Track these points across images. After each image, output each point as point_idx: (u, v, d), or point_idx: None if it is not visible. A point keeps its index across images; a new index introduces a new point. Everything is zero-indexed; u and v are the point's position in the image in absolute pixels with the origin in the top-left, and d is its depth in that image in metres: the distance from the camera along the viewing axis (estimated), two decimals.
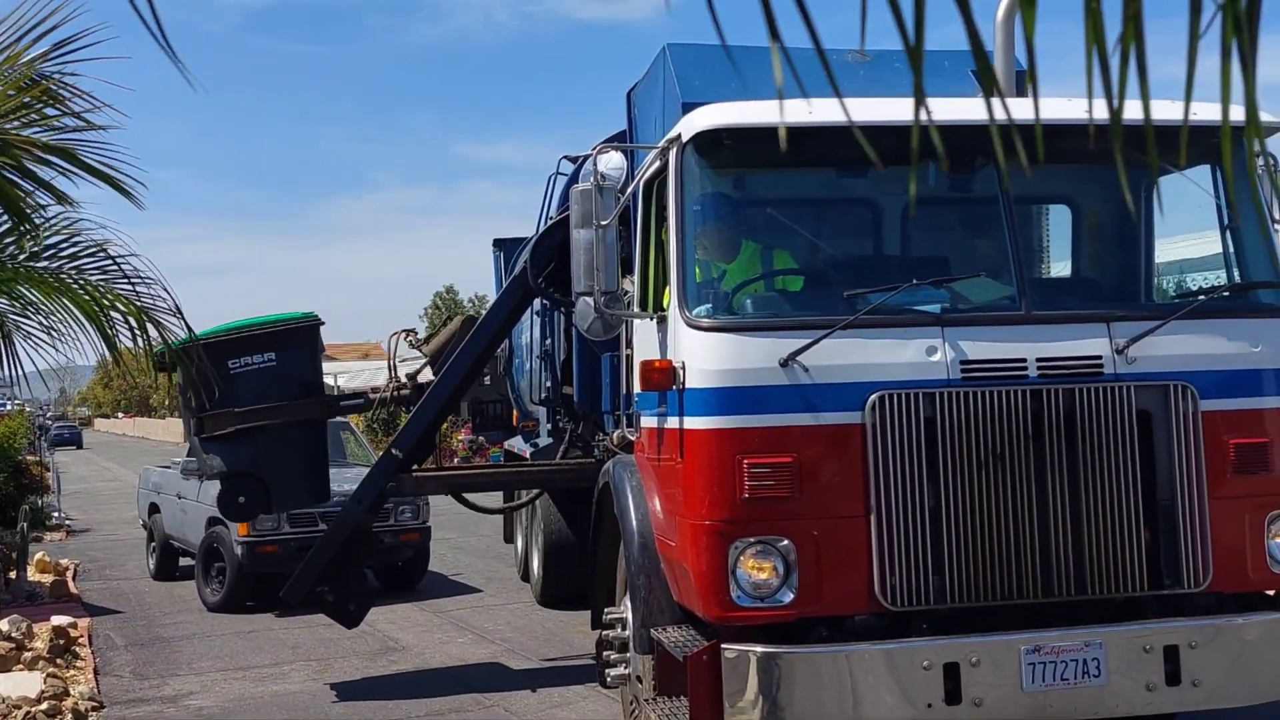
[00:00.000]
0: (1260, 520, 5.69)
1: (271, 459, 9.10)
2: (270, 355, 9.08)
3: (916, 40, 1.45)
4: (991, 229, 6.17)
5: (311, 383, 9.45)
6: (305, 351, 9.42)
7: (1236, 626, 5.62)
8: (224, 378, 8.90)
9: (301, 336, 9.43)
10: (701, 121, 5.91)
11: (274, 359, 9.07)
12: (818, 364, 5.45)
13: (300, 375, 9.31)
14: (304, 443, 9.38)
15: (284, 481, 9.25)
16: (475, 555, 16.75)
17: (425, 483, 9.95)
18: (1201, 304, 5.98)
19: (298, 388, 9.26)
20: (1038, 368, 5.56)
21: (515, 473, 11.43)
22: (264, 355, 9.07)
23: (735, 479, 5.40)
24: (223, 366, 8.92)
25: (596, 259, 6.08)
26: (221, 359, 8.95)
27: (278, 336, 9.19)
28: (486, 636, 11.11)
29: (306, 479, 9.52)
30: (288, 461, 9.25)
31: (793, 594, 5.39)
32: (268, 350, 9.11)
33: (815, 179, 6.69)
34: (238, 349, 9.09)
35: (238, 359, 9.02)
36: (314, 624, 11.58)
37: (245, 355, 9.04)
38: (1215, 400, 5.65)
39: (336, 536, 9.21)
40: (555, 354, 10.52)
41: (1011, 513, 5.45)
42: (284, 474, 9.23)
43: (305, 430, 9.37)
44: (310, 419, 9.41)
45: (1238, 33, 1.43)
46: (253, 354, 9.05)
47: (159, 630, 12.01)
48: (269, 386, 9.07)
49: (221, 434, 9.02)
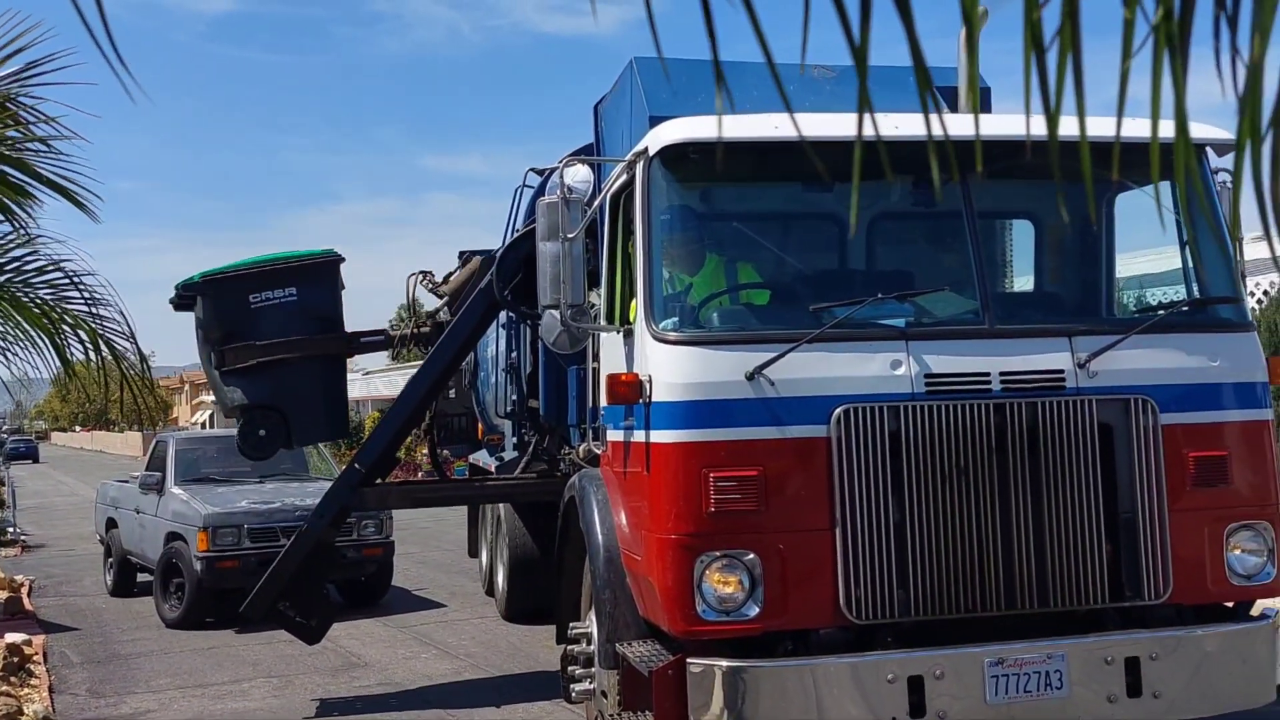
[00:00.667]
0: (1219, 533, 5.76)
1: (292, 393, 9.07)
2: (291, 290, 9.09)
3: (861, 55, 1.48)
4: (955, 243, 6.22)
5: (332, 318, 9.40)
6: (326, 287, 9.38)
7: (1196, 638, 5.68)
8: (245, 312, 8.94)
9: (323, 272, 9.40)
10: (668, 135, 5.93)
11: (295, 294, 9.08)
12: (784, 377, 5.47)
13: (321, 311, 9.27)
14: (324, 378, 9.34)
15: (304, 416, 9.20)
16: (439, 570, 16.65)
17: (388, 496, 9.89)
18: (1161, 319, 6.06)
19: (318, 323, 9.23)
20: (1001, 381, 5.60)
21: (480, 486, 11.38)
22: (285, 290, 9.07)
23: (701, 492, 5.40)
24: (244, 300, 8.97)
25: (563, 272, 6.07)
26: (243, 293, 8.99)
27: (299, 271, 9.19)
28: (450, 652, 11.04)
29: (326, 414, 9.47)
30: (308, 396, 9.20)
31: (758, 608, 5.39)
32: (289, 285, 9.10)
33: (781, 193, 6.73)
34: (259, 283, 9.08)
35: (259, 293, 9.02)
36: (274, 640, 11.46)
37: (267, 290, 9.05)
38: (1175, 414, 5.72)
39: (298, 551, 9.13)
40: (521, 367, 10.49)
41: (975, 526, 5.49)
42: (304, 408, 9.19)
43: (325, 365, 9.35)
44: (330, 354, 9.38)
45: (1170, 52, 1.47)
46: (274, 288, 9.06)
47: (116, 647, 11.84)
48: (290, 321, 9.06)
49: (242, 367, 8.98)
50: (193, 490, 13.57)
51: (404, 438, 9.97)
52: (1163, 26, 1.49)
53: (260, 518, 12.86)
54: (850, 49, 1.51)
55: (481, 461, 13.61)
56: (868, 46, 1.53)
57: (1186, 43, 1.50)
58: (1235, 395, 5.88)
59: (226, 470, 14.49)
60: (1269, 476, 5.91)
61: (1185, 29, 1.50)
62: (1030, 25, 1.48)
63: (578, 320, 6.26)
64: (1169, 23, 1.48)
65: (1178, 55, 1.49)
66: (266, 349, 8.95)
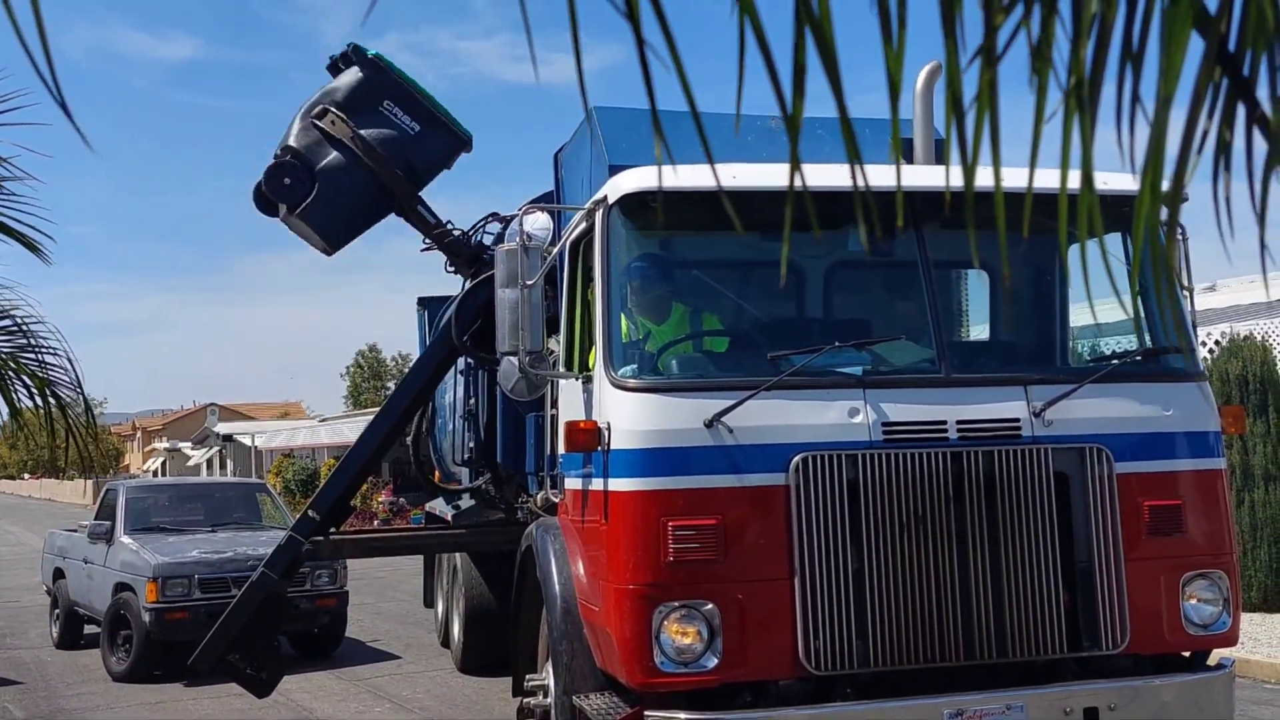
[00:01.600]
0: (1175, 582, 5.78)
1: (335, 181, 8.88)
2: (415, 125, 9.03)
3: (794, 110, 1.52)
4: (911, 293, 6.26)
5: (421, 172, 9.24)
6: (438, 148, 9.24)
7: (1154, 688, 5.69)
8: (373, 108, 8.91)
9: (447, 137, 9.29)
10: (627, 184, 5.95)
11: (415, 129, 9.03)
12: (742, 425, 5.46)
13: (416, 159, 9.13)
14: (367, 197, 9.10)
15: (327, 203, 8.95)
16: (394, 620, 16.43)
17: (343, 546, 9.74)
18: (1115, 368, 6.11)
19: (406, 165, 9.06)
20: (958, 430, 5.62)
21: (436, 535, 11.24)
22: (412, 120, 9.03)
23: (660, 541, 5.36)
24: (379, 98, 8.95)
25: (521, 319, 6.06)
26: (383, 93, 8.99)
27: (434, 121, 9.11)
28: (405, 705, 10.86)
29: (344, 219, 9.23)
30: (344, 195, 8.98)
31: (717, 659, 5.34)
32: (419, 121, 9.05)
33: (739, 242, 6.75)
34: (401, 98, 9.04)
35: (394, 105, 9.01)
36: (224, 694, 11.23)
37: (400, 107, 9.02)
38: (1130, 463, 5.76)
39: (249, 602, 8.97)
40: (479, 414, 10.42)
41: (933, 575, 5.48)
42: (333, 199, 8.95)
43: (375, 193, 9.10)
44: (388, 191, 9.14)
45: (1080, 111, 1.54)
46: (407, 113, 9.03)
47: (61, 702, 11.55)
48: (391, 144, 8.96)
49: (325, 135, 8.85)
50: (143, 539, 13.32)
51: (360, 484, 9.85)
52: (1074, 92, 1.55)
53: (211, 568, 12.64)
54: (784, 117, 1.57)
55: (438, 510, 13.48)
56: (800, 114, 1.58)
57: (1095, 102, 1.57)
58: (1189, 444, 5.93)
59: (178, 519, 14.27)
60: (1223, 525, 5.95)
61: (1095, 91, 1.56)
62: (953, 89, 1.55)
63: (536, 367, 6.23)
64: (1080, 88, 1.54)
65: (1086, 113, 1.55)
66: (356, 139, 8.83)
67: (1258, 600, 13.06)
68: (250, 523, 14.54)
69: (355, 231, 9.44)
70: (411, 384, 9.05)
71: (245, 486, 14.70)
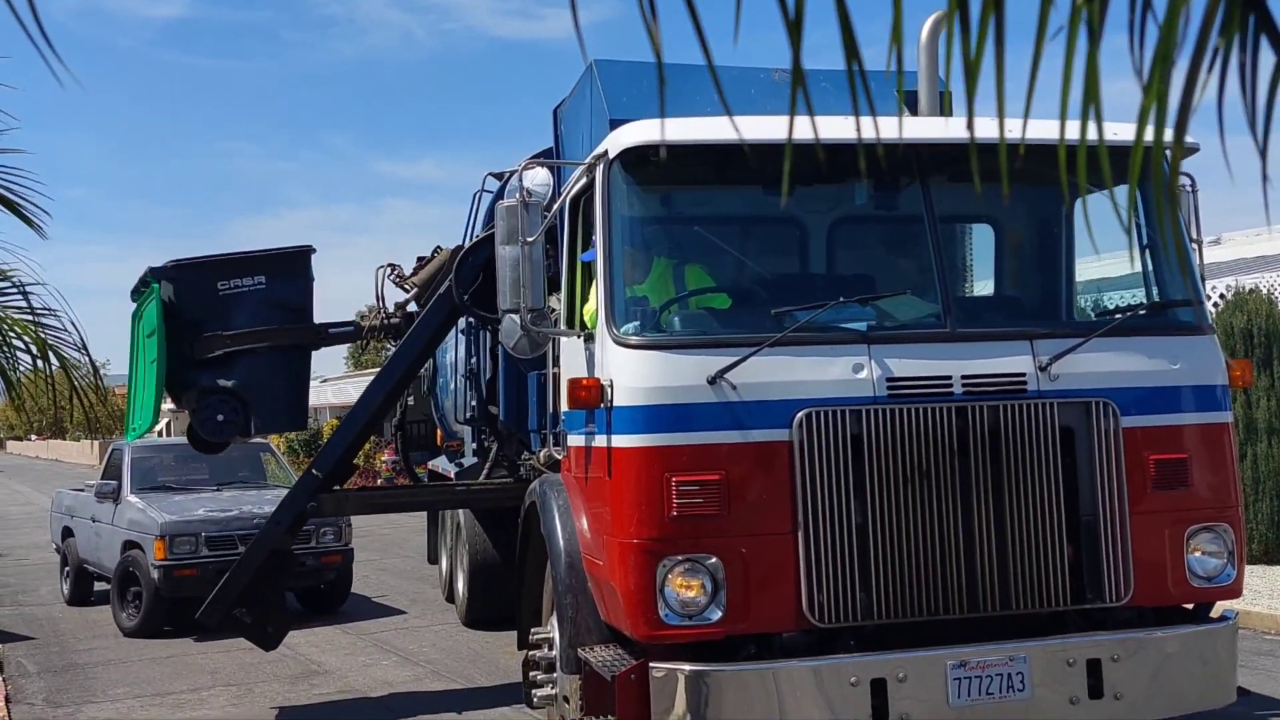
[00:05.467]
0: (1180, 535, 5.79)
1: (256, 382, 8.92)
2: (260, 279, 8.97)
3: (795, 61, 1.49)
4: (917, 247, 6.22)
5: (301, 308, 9.26)
6: (296, 277, 9.26)
7: (1157, 640, 5.71)
8: (213, 300, 8.80)
9: (293, 261, 9.28)
10: (628, 138, 5.89)
11: (264, 282, 8.96)
12: (746, 381, 5.44)
13: (290, 300, 9.16)
14: (289, 368, 9.20)
15: (267, 405, 9.05)
16: (399, 576, 16.53)
17: (346, 503, 9.77)
18: (1122, 322, 6.09)
19: (287, 313, 9.11)
20: (963, 385, 5.60)
21: (440, 492, 11.27)
22: (254, 278, 8.95)
23: (663, 497, 5.36)
24: (212, 288, 8.83)
25: (522, 276, 6.03)
26: (211, 280, 8.86)
27: (269, 260, 9.09)
28: (411, 659, 10.94)
29: (289, 404, 9.32)
30: (272, 385, 9.05)
31: (721, 612, 5.36)
32: (258, 274, 8.99)
33: (742, 196, 6.71)
34: (228, 271, 8.95)
35: (227, 281, 8.89)
36: (234, 649, 11.32)
37: (235, 278, 8.92)
38: (1135, 417, 5.74)
39: (254, 557, 9.01)
40: (481, 373, 10.41)
41: (937, 529, 5.48)
42: (268, 397, 9.04)
43: (291, 356, 9.21)
44: (298, 345, 9.25)
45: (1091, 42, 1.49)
46: (243, 276, 8.93)
47: (73, 657, 11.66)
48: (258, 310, 8.94)
49: (212, 357, 8.82)
50: (149, 498, 13.39)
51: (363, 443, 9.87)
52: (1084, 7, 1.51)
53: (218, 526, 12.71)
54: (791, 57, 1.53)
55: (441, 468, 13.52)
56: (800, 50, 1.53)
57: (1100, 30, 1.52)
58: (1195, 398, 5.91)
59: (184, 478, 14.33)
60: (1229, 479, 5.95)
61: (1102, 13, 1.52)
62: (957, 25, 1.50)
63: (538, 325, 6.21)
64: (1090, 5, 1.50)
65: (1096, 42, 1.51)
66: (235, 339, 8.83)
67: (1259, 553, 13.11)
68: (255, 482, 14.60)
69: (304, 400, 9.60)
70: (413, 344, 9.04)
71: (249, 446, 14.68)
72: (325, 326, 9.54)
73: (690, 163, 6.14)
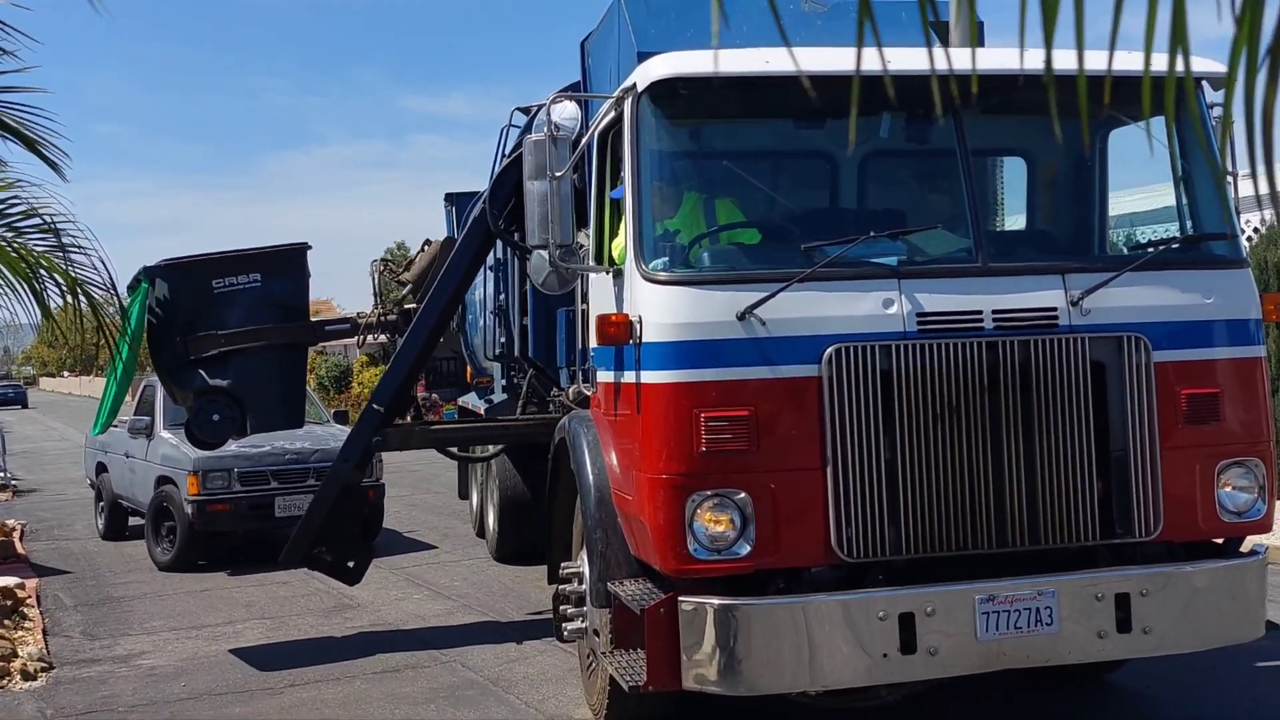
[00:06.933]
0: (1210, 470, 5.76)
1: (251, 381, 8.95)
2: (255, 276, 8.95)
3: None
4: (948, 181, 6.15)
5: (296, 306, 9.29)
6: (291, 275, 9.26)
7: (1186, 574, 5.70)
8: (208, 298, 8.79)
9: (288, 259, 9.27)
10: (657, 70, 5.83)
11: (259, 280, 8.95)
12: (775, 317, 5.42)
13: (285, 298, 9.17)
14: (284, 366, 9.23)
15: (262, 404, 9.09)
16: (430, 512, 16.70)
17: (412, 437, 9.80)
18: (1154, 256, 6.01)
19: (282, 311, 9.12)
20: (993, 320, 5.57)
21: (500, 427, 11.18)
22: (249, 276, 8.93)
23: (692, 432, 5.37)
24: (207, 286, 8.81)
25: (551, 211, 6.00)
26: (206, 278, 8.84)
27: (264, 258, 9.08)
28: (442, 593, 11.09)
29: (284, 404, 9.37)
30: (267, 384, 9.09)
31: (749, 546, 5.39)
32: (253, 271, 8.98)
33: (772, 130, 6.64)
34: (222, 269, 8.95)
35: (222, 279, 8.88)
36: (267, 582, 11.51)
37: (230, 275, 8.90)
38: (1167, 351, 5.69)
39: (326, 496, 9.09)
40: (510, 309, 10.43)
41: (966, 464, 5.48)
42: (262, 396, 9.08)
43: (286, 354, 9.24)
44: (293, 343, 9.28)
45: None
46: (238, 274, 8.92)
47: (109, 590, 11.88)
48: (253, 308, 8.94)
49: (207, 356, 8.85)
50: (182, 434, 13.51)
51: (417, 376, 9.88)
52: None
53: (250, 461, 12.86)
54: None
55: (471, 404, 13.59)
56: None
57: None
58: (1228, 332, 5.85)
59: None
60: (1261, 414, 5.90)
61: None
62: None
63: (566, 261, 6.20)
64: None
65: None
66: (230, 338, 8.82)
67: None
68: None
69: (301, 398, 9.64)
70: (453, 273, 9.04)
71: None
72: (321, 324, 9.58)
73: (720, 96, 6.07)
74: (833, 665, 5.34)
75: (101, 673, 8.69)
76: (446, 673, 8.24)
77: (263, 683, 8.19)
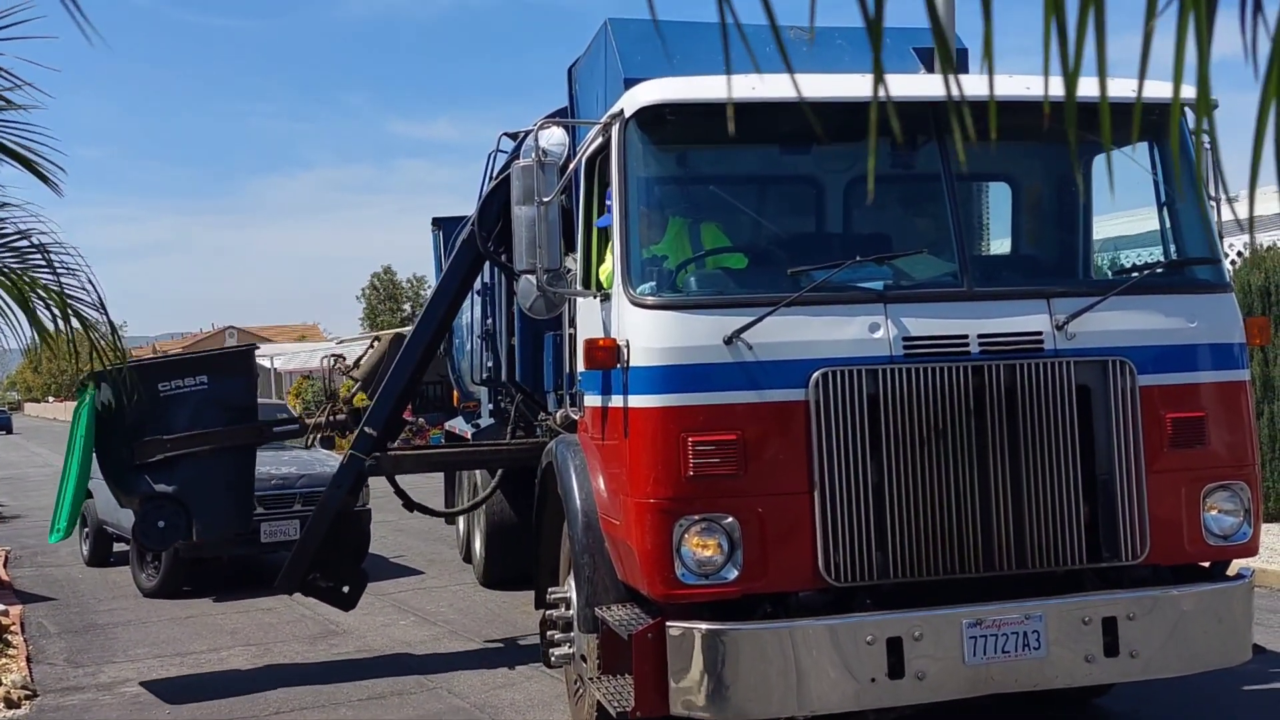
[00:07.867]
0: (1196, 493, 5.78)
1: (198, 486, 8.90)
2: (202, 379, 8.95)
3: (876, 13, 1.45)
4: (933, 206, 6.19)
5: (244, 407, 9.30)
6: (238, 375, 9.31)
7: (1173, 598, 5.71)
8: (154, 401, 8.73)
9: (235, 361, 9.33)
10: (644, 96, 5.86)
11: (206, 382, 8.94)
12: (762, 341, 5.44)
13: (233, 399, 9.16)
14: (232, 469, 9.19)
15: (209, 509, 9.05)
16: (416, 537, 16.63)
17: (403, 462, 9.77)
18: (1139, 280, 6.05)
19: (230, 412, 9.11)
20: (979, 344, 5.59)
21: (491, 452, 11.16)
22: (195, 379, 8.93)
23: (680, 457, 5.38)
24: (153, 389, 8.76)
25: (539, 236, 6.02)
26: (152, 382, 8.79)
27: (210, 360, 9.12)
28: (429, 618, 11.03)
29: (233, 506, 9.34)
30: (214, 488, 9.04)
31: (737, 571, 5.39)
32: (199, 374, 8.99)
33: (759, 155, 6.67)
34: (169, 372, 8.95)
35: (168, 382, 8.84)
36: (252, 608, 11.45)
37: (176, 378, 8.88)
38: (1152, 375, 5.72)
39: (320, 522, 9.05)
40: (497, 333, 10.43)
41: (953, 488, 5.49)
42: (210, 501, 9.03)
43: (235, 456, 9.19)
44: (241, 445, 9.25)
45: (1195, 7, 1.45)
46: (184, 377, 8.91)
47: (93, 617, 11.79)
48: (200, 411, 8.91)
49: (152, 461, 8.80)
50: None
51: (408, 400, 9.87)
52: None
53: None
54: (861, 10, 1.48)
55: (458, 429, 13.57)
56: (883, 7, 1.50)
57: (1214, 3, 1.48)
58: (1212, 356, 5.88)
59: None
60: (1246, 437, 5.93)
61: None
62: None
63: (554, 285, 6.21)
64: None
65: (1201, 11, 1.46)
66: (176, 443, 8.78)
67: (1275, 511, 13.10)
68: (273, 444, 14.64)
69: (249, 500, 9.61)
70: (444, 294, 9.05)
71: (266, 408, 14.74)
72: (268, 424, 9.57)
73: (707, 122, 6.10)
74: (820, 690, 5.33)
75: (86, 700, 8.61)
76: (433, 699, 8.20)
77: (248, 710, 8.13)
